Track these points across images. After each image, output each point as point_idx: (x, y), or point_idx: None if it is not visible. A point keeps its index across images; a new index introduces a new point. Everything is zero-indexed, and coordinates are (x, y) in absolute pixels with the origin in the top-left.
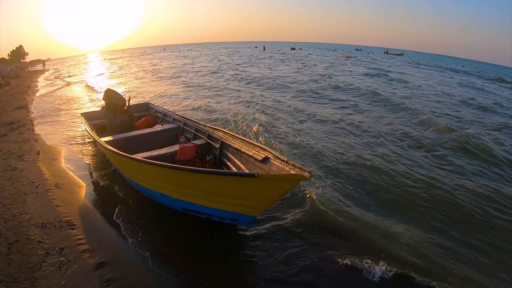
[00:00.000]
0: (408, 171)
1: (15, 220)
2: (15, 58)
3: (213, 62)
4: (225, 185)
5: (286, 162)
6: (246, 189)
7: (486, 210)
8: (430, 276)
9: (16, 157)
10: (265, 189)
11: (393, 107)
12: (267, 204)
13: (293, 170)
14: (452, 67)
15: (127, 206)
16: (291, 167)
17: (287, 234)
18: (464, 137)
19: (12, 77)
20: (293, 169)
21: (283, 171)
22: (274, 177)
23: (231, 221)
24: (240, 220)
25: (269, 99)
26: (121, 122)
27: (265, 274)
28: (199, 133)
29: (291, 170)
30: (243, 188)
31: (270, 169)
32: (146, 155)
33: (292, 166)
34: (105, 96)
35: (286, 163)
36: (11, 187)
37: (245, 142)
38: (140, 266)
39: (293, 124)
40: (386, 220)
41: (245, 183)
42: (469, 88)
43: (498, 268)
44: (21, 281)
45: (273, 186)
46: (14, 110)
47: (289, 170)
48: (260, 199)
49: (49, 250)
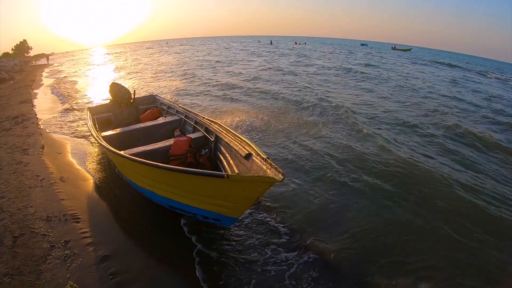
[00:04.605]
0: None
1: (20, 213)
2: (19, 53)
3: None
4: (200, 184)
5: (265, 160)
6: (219, 190)
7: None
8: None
9: (21, 151)
10: (238, 190)
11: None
12: (244, 205)
13: (269, 170)
14: (455, 63)
15: (130, 200)
16: (268, 166)
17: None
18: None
19: (16, 72)
20: (270, 168)
21: (261, 170)
22: (243, 178)
23: (215, 221)
24: (222, 221)
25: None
26: (127, 115)
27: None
28: (198, 125)
29: (267, 169)
30: (215, 188)
31: (251, 166)
32: (141, 149)
33: (269, 166)
34: (111, 90)
35: (265, 161)
36: (16, 181)
37: (235, 136)
38: (144, 260)
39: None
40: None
41: (216, 183)
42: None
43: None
44: (26, 274)
45: (245, 187)
46: (18, 104)
47: (266, 169)
48: (234, 200)
49: (54, 243)
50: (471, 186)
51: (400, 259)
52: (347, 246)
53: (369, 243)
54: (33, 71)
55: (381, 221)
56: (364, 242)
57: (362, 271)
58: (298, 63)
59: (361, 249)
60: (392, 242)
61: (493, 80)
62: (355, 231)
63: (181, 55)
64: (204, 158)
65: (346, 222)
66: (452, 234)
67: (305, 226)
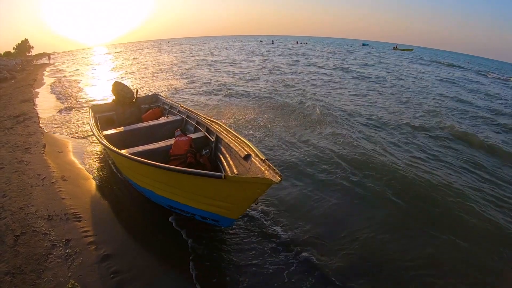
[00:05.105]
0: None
1: (22, 212)
2: (21, 52)
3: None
4: (198, 184)
5: (263, 161)
6: (217, 190)
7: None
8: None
9: (22, 150)
10: (235, 191)
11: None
12: (242, 206)
13: (267, 171)
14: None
15: (130, 200)
16: (266, 167)
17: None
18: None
19: (18, 71)
20: (268, 170)
21: (259, 171)
22: (240, 179)
23: (213, 222)
24: (221, 221)
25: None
26: (129, 115)
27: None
28: (199, 125)
29: (265, 171)
30: (213, 188)
31: (250, 167)
32: (141, 149)
33: (267, 167)
34: (113, 89)
35: (264, 162)
36: (18, 180)
37: (235, 136)
38: (145, 259)
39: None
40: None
41: (214, 183)
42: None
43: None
44: (27, 272)
45: (243, 188)
46: (20, 103)
47: (264, 170)
48: (232, 201)
49: (55, 242)
50: (480, 191)
51: (400, 259)
52: (345, 247)
53: (368, 244)
54: (34, 70)
55: (380, 223)
56: (363, 243)
57: (361, 272)
58: (297, 62)
59: (360, 250)
60: (391, 244)
61: (493, 80)
62: (354, 232)
63: (181, 54)
64: (204, 158)
65: (345, 223)
66: (454, 239)
67: (303, 228)
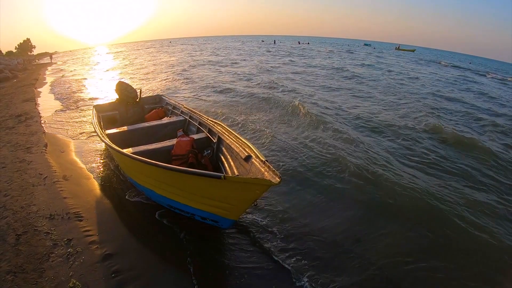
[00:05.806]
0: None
1: (23, 211)
2: (22, 51)
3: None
4: (198, 184)
5: (264, 162)
6: (216, 191)
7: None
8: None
9: (24, 149)
10: (235, 192)
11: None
12: (241, 207)
13: (267, 173)
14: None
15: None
16: (266, 169)
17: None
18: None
19: (20, 70)
20: (267, 171)
21: (259, 172)
22: (240, 180)
23: (212, 222)
24: (220, 222)
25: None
26: (132, 114)
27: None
28: (201, 126)
29: (265, 172)
30: (213, 189)
31: (251, 168)
32: (143, 148)
33: (267, 168)
34: (117, 88)
35: (264, 163)
36: (19, 179)
37: (236, 138)
38: (146, 258)
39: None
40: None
41: (214, 184)
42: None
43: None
44: (29, 271)
45: (242, 189)
46: (21, 103)
47: (264, 172)
48: (231, 202)
49: (57, 242)
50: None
51: (399, 260)
52: (345, 249)
53: (367, 245)
54: (36, 70)
55: (380, 224)
56: (362, 244)
57: (360, 274)
58: (295, 61)
59: (359, 252)
60: (391, 246)
61: (493, 79)
62: (353, 234)
63: (181, 54)
64: (206, 159)
65: (345, 225)
66: (455, 242)
67: (300, 230)
